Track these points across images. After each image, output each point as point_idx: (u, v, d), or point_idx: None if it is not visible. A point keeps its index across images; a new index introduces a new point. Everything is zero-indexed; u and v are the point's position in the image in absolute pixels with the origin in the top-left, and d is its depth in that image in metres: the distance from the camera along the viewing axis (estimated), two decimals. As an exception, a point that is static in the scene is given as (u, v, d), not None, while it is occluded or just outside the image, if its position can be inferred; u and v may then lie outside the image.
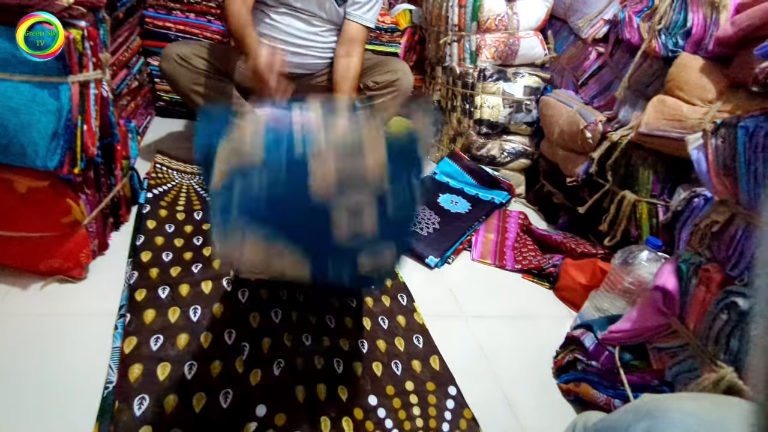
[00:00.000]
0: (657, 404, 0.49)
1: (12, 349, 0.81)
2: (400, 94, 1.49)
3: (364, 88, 1.49)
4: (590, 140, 1.38)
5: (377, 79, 1.48)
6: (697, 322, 0.74)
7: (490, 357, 1.04)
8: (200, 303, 0.90)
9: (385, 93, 1.49)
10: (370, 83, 1.49)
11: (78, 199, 0.91)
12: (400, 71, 1.48)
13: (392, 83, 1.47)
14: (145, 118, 1.71)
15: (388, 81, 1.47)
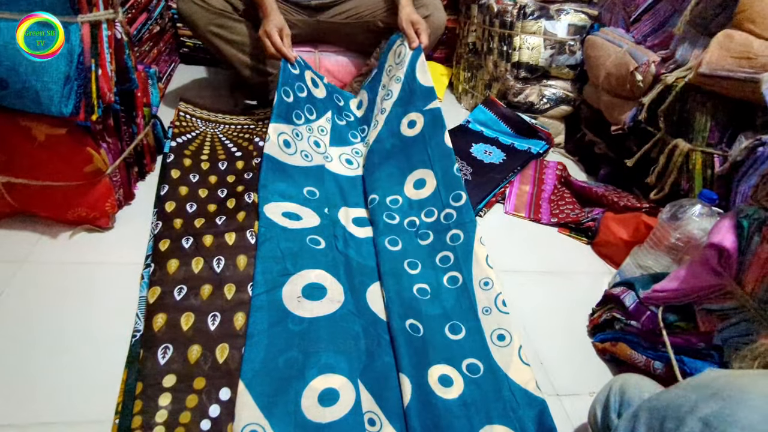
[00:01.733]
0: (727, 382, 0.42)
1: (44, 297, 0.83)
2: (432, 31, 1.38)
3: (386, 27, 1.39)
4: (641, 84, 1.26)
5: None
6: (757, 283, 0.67)
7: (522, 313, 1.00)
8: (224, 254, 0.89)
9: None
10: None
11: (99, 148, 0.89)
12: (431, 6, 1.37)
13: (424, 20, 1.35)
14: (169, 65, 1.67)
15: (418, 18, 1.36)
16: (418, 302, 0.90)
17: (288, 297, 0.82)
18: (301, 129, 1.21)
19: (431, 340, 0.83)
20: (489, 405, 0.75)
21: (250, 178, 1.09)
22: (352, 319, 0.82)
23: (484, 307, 0.91)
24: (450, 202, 1.10)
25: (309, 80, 1.31)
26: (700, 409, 0.41)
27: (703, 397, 0.42)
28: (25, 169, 0.85)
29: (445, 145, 1.18)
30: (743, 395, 0.40)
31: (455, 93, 2.04)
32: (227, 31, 1.32)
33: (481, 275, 0.95)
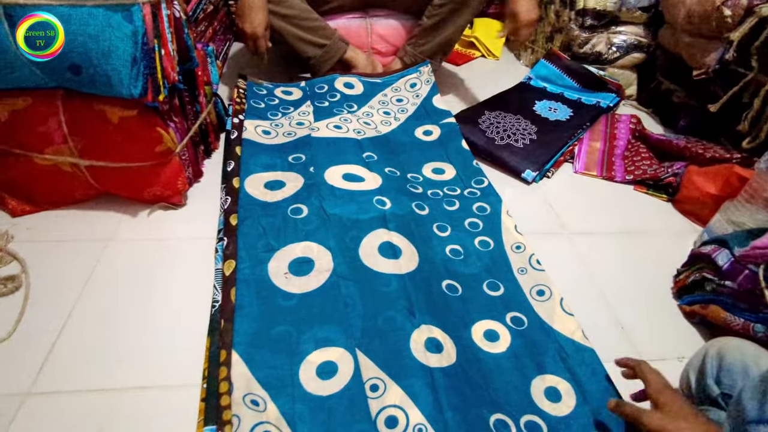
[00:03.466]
0: None
1: (130, 270, 0.88)
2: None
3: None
4: (729, 19, 1.13)
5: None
6: None
7: (598, 277, 0.94)
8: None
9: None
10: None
11: (167, 128, 0.92)
12: None
13: None
14: (224, 43, 1.69)
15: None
16: (453, 263, 0.89)
17: (274, 273, 0.82)
18: (281, 120, 1.24)
19: (471, 297, 0.83)
20: (538, 355, 0.75)
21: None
22: (344, 284, 0.81)
23: (519, 267, 0.90)
24: (472, 184, 1.10)
25: (280, 92, 1.35)
26: None
27: None
28: (103, 151, 0.90)
29: (463, 148, 1.20)
30: None
31: (513, 50, 1.93)
32: (280, 6, 1.31)
33: (512, 240, 0.95)
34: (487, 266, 0.89)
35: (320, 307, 0.78)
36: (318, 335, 0.73)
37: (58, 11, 0.72)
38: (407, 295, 0.80)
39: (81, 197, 0.99)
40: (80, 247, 0.91)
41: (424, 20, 1.39)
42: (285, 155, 1.10)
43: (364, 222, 0.93)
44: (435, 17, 1.37)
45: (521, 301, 0.83)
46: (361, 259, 0.86)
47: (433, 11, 1.36)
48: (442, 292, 0.82)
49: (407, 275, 0.83)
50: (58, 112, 0.84)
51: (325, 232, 0.90)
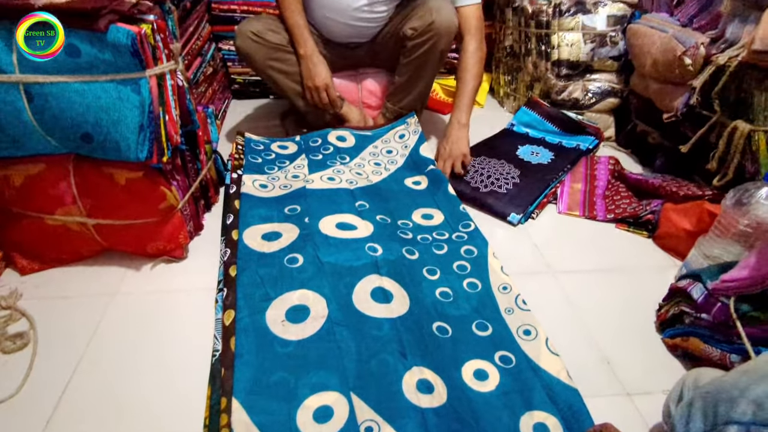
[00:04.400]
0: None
1: (133, 324, 0.92)
2: (440, 36, 1.34)
3: (404, 39, 1.39)
4: (690, 67, 1.22)
5: (413, 24, 1.36)
6: (835, 265, 0.64)
7: (584, 314, 0.98)
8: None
9: (425, 40, 1.35)
10: (408, 31, 1.37)
11: (170, 186, 0.98)
12: (435, 11, 1.32)
13: (429, 26, 1.33)
14: (223, 102, 1.80)
15: (424, 25, 1.33)
16: (443, 305, 0.93)
17: (272, 321, 0.86)
18: (277, 174, 1.31)
19: (461, 338, 0.86)
20: (526, 392, 0.77)
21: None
22: (338, 330, 0.84)
23: (507, 308, 0.94)
24: (459, 228, 1.16)
25: (276, 147, 1.43)
26: (752, 391, 0.41)
27: (753, 380, 0.42)
28: (110, 210, 0.96)
29: (450, 194, 1.27)
30: None
31: (497, 98, 2.04)
32: (283, 64, 1.40)
33: (498, 282, 1.00)
34: (476, 307, 0.93)
35: (316, 352, 0.81)
36: (314, 380, 0.77)
37: (73, 87, 0.79)
38: (399, 338, 0.83)
39: (87, 254, 1.04)
40: (86, 302, 0.96)
41: (397, 78, 1.49)
42: (281, 207, 1.16)
43: (357, 268, 0.97)
44: (405, 75, 1.46)
45: (509, 340, 0.87)
46: (354, 305, 0.90)
47: (402, 70, 1.46)
48: (432, 333, 0.86)
49: (399, 319, 0.87)
50: (69, 176, 0.91)
51: (320, 280, 0.94)
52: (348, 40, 1.48)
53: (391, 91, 1.53)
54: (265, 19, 1.41)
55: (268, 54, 1.37)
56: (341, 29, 1.44)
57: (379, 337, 0.84)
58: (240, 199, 1.16)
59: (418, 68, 1.43)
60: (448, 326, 0.88)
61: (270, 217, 1.12)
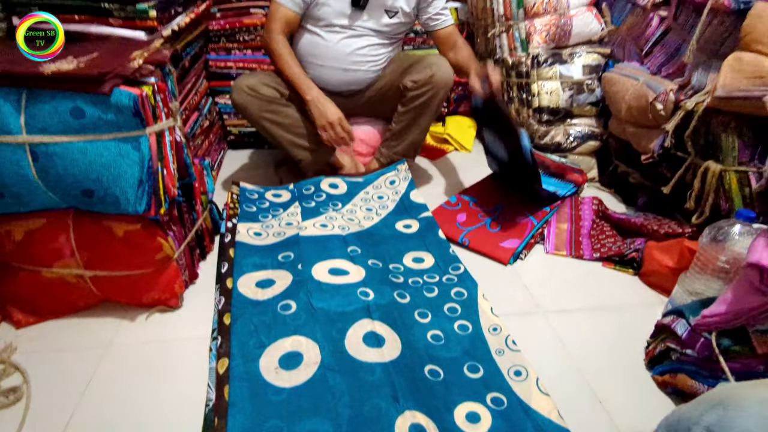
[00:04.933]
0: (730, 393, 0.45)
1: (128, 375, 0.92)
2: (438, 89, 1.46)
3: (404, 90, 1.49)
4: (662, 112, 1.29)
5: (414, 78, 1.47)
6: (804, 299, 0.67)
7: (575, 353, 1.00)
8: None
9: (424, 91, 1.46)
10: (409, 83, 1.48)
11: (167, 237, 1.01)
12: (435, 65, 1.45)
13: (429, 79, 1.45)
14: (219, 153, 1.85)
15: (425, 78, 1.45)
16: (434, 348, 0.95)
17: (266, 369, 0.87)
18: (271, 222, 1.35)
19: (453, 381, 0.87)
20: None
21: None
22: (331, 376, 0.85)
23: (497, 349, 0.95)
24: (449, 270, 1.19)
25: (270, 195, 1.49)
26: (704, 419, 0.43)
27: (707, 408, 0.44)
28: (107, 262, 0.98)
29: (440, 238, 1.30)
30: (741, 403, 0.42)
31: (483, 142, 2.11)
32: (277, 116, 1.47)
33: (488, 323, 1.02)
34: (467, 349, 0.95)
35: (309, 399, 0.82)
36: (307, 427, 0.77)
37: (76, 146, 0.84)
38: (391, 382, 0.84)
39: (83, 306, 1.05)
40: (80, 354, 0.96)
41: (393, 125, 1.56)
42: (275, 254, 1.18)
43: (349, 313, 0.99)
44: (401, 122, 1.54)
45: (500, 382, 0.88)
46: (346, 350, 0.91)
47: (399, 117, 1.53)
48: (424, 377, 0.87)
49: (391, 363, 0.88)
50: (69, 230, 0.94)
51: (313, 326, 0.96)
52: (342, 88, 1.56)
53: (387, 137, 1.59)
54: (260, 75, 1.49)
55: (263, 107, 1.44)
56: (336, 76, 1.52)
57: (372, 382, 0.84)
58: (235, 247, 1.19)
59: (416, 117, 1.52)
60: (440, 369, 0.90)
61: (264, 265, 1.15)
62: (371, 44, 1.49)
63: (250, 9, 1.77)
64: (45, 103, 0.81)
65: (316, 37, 1.48)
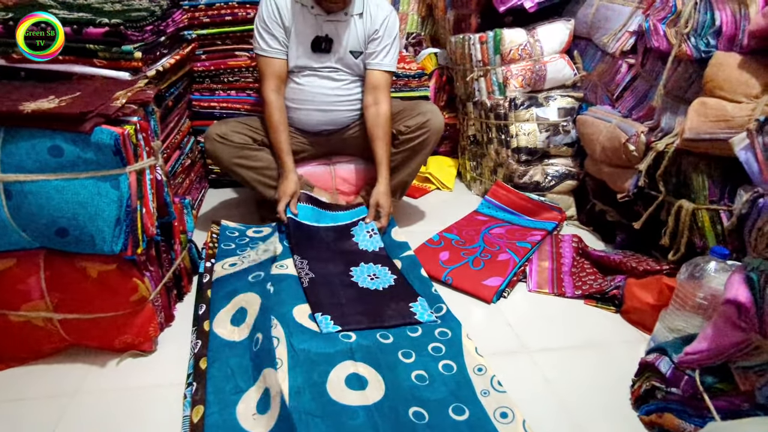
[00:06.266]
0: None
1: (94, 425, 0.87)
2: (432, 134, 1.53)
3: (397, 134, 1.54)
4: (635, 153, 1.34)
5: (408, 123, 1.53)
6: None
7: (560, 392, 0.98)
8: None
9: (418, 135, 1.53)
10: (402, 128, 1.54)
11: (143, 277, 0.98)
12: (429, 112, 1.53)
13: (423, 125, 1.52)
14: (200, 191, 1.84)
15: (418, 123, 1.52)
16: (419, 389, 0.92)
17: (243, 416, 0.84)
18: (248, 252, 1.35)
19: (438, 423, 0.85)
20: None
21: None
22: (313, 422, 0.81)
23: (482, 390, 0.93)
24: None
25: (251, 233, 1.50)
26: None
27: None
28: (79, 304, 0.94)
29: (423, 276, 1.30)
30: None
31: (464, 181, 2.15)
32: (249, 160, 1.48)
33: (473, 363, 1.00)
34: (452, 390, 0.92)
35: None
36: None
37: (52, 184, 0.82)
38: (375, 425, 0.81)
39: (49, 351, 1.00)
40: (43, 404, 0.91)
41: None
42: (246, 276, 1.17)
43: (331, 355, 0.96)
44: (392, 162, 1.56)
45: (486, 424, 0.85)
46: (329, 394, 0.88)
47: (391, 158, 1.56)
48: (409, 420, 0.84)
49: (374, 406, 0.85)
50: (39, 271, 0.90)
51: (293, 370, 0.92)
52: (321, 128, 1.58)
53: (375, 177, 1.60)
54: (232, 123, 1.52)
55: (234, 153, 1.46)
56: (314, 118, 1.55)
57: (355, 427, 0.81)
58: (212, 287, 1.16)
59: (407, 159, 1.57)
60: (425, 411, 0.87)
61: (234, 291, 1.13)
62: (346, 83, 1.53)
63: (235, 52, 1.81)
64: (23, 140, 0.80)
65: (292, 84, 1.52)
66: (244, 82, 1.84)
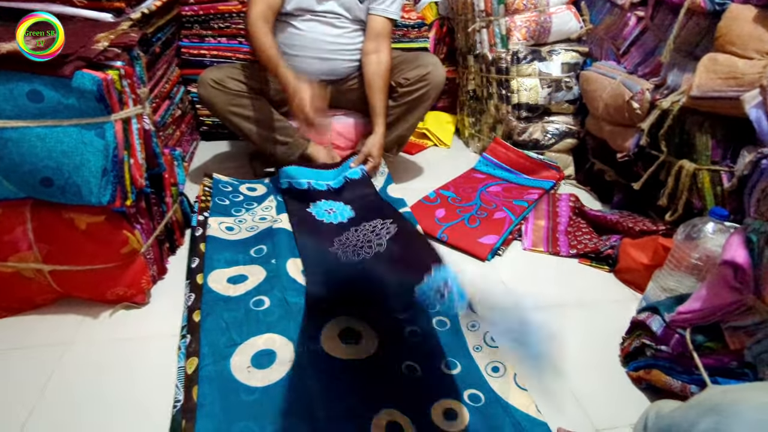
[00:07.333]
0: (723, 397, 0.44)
1: (89, 375, 0.87)
2: (433, 87, 1.48)
3: (396, 86, 1.49)
4: (638, 111, 1.30)
5: (408, 75, 1.48)
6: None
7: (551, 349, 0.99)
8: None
9: (418, 88, 1.48)
10: (401, 80, 1.48)
11: (134, 230, 0.96)
12: (430, 65, 1.47)
13: (423, 77, 1.46)
14: (191, 143, 1.79)
15: (419, 75, 1.47)
16: (412, 344, 0.93)
17: (237, 368, 0.84)
18: (244, 216, 1.31)
19: (430, 377, 0.86)
20: (496, 430, 0.77)
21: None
22: (307, 374, 0.83)
23: (475, 345, 0.95)
24: None
25: (244, 189, 1.45)
26: (698, 425, 0.42)
27: (700, 413, 0.43)
28: (68, 256, 0.92)
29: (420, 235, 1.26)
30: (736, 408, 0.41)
31: (462, 138, 2.11)
32: (244, 109, 1.43)
33: (467, 319, 1.00)
34: (445, 345, 0.93)
35: (282, 399, 0.79)
36: (280, 429, 0.74)
37: (34, 132, 0.78)
38: (368, 380, 0.82)
39: (41, 302, 1.00)
40: (38, 353, 0.91)
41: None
42: (247, 249, 1.15)
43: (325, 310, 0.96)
44: (389, 117, 1.52)
45: (478, 378, 0.87)
46: (322, 347, 0.88)
47: (389, 111, 1.51)
48: (401, 374, 0.85)
49: (367, 360, 0.86)
50: (26, 221, 0.88)
51: (287, 323, 0.92)
52: (320, 77, 1.52)
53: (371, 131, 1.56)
54: (227, 68, 1.45)
55: (229, 100, 1.41)
56: (313, 66, 1.48)
57: (348, 381, 0.82)
58: (206, 242, 1.15)
59: (405, 112, 1.52)
60: (417, 365, 0.88)
61: (236, 261, 1.11)
62: (348, 31, 1.47)
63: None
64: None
65: (291, 28, 1.44)
66: (235, 28, 1.76)
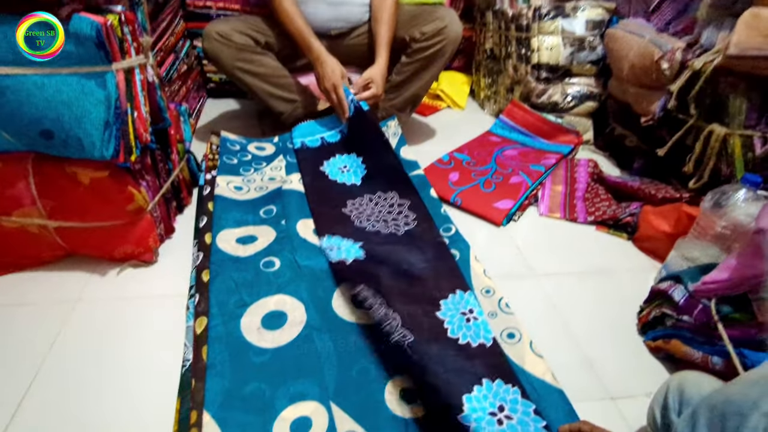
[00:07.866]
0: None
1: (97, 332, 0.86)
2: (449, 42, 1.40)
3: (411, 41, 1.41)
4: (667, 72, 1.23)
5: (424, 29, 1.40)
6: (815, 266, 0.64)
7: (567, 317, 0.97)
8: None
9: (434, 43, 1.40)
10: (417, 34, 1.40)
11: (139, 186, 0.93)
12: (447, 18, 1.39)
13: (440, 31, 1.39)
14: (198, 101, 1.74)
15: (435, 29, 1.39)
16: None
17: (247, 329, 0.82)
18: (253, 176, 1.27)
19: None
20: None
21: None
22: (318, 336, 0.81)
23: (490, 311, 0.92)
24: (441, 231, 1.12)
25: (253, 148, 1.40)
26: (763, 404, 0.39)
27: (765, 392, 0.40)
28: (73, 212, 0.90)
29: (432, 197, 1.24)
30: None
31: (477, 100, 2.04)
32: (251, 65, 1.37)
33: (481, 285, 0.97)
34: None
35: (293, 360, 0.77)
36: (291, 390, 0.73)
37: (31, 80, 0.74)
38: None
39: (48, 258, 0.98)
40: (46, 310, 0.90)
41: (393, 77, 1.47)
42: (256, 210, 1.12)
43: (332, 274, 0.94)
44: (403, 74, 1.45)
45: None
46: (334, 310, 0.86)
47: (402, 68, 1.45)
48: None
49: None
50: (28, 175, 0.85)
51: (298, 284, 0.90)
52: (330, 26, 1.45)
53: (385, 89, 1.50)
54: (233, 21, 1.38)
55: (235, 55, 1.35)
56: (321, 12, 1.42)
57: (361, 345, 0.81)
58: (214, 201, 1.12)
59: (420, 69, 1.45)
60: None
61: (245, 221, 1.08)
62: None
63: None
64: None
65: None
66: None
